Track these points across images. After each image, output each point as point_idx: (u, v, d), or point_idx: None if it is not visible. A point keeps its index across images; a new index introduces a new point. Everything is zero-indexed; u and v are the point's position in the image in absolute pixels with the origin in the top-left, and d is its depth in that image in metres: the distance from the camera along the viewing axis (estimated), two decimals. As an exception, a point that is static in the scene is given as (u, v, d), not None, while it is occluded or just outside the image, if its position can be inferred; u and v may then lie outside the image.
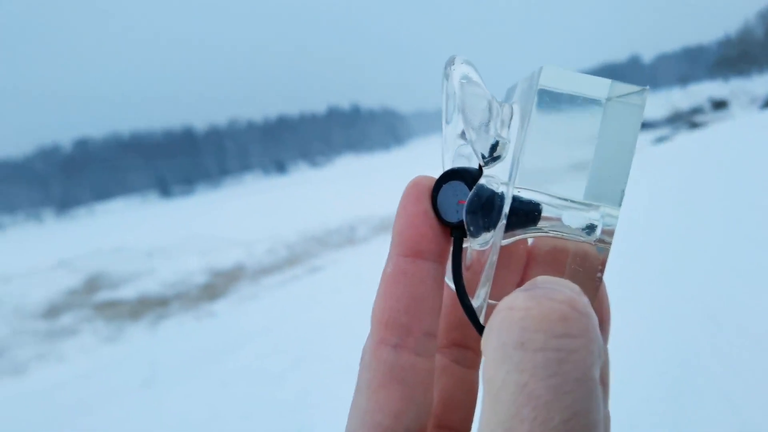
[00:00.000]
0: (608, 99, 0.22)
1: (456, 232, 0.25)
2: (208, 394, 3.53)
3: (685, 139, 14.03)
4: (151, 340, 7.08)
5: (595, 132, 0.22)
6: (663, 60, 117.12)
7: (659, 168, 8.35)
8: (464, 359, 0.27)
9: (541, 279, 0.19)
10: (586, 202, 0.22)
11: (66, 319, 9.32)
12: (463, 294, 0.24)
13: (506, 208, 0.22)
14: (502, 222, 0.22)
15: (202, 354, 4.61)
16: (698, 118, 25.21)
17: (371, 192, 17.67)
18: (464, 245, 0.26)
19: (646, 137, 19.88)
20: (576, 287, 0.18)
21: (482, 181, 0.24)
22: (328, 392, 2.88)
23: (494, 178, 0.24)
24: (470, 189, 0.24)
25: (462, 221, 0.24)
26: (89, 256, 15.90)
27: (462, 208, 0.24)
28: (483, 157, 0.24)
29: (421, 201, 0.24)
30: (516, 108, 0.24)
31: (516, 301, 0.16)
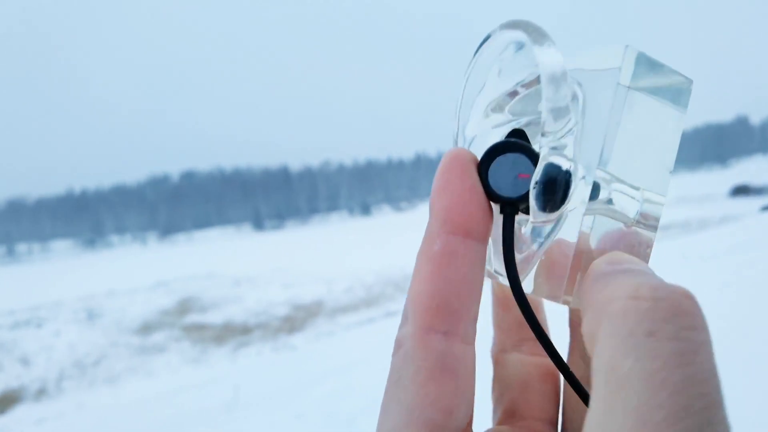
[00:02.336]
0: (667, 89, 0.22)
1: (509, 209, 0.22)
2: (284, 426, 3.57)
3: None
4: (232, 366, 7.29)
5: (674, 126, 0.23)
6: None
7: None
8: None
9: (624, 257, 0.20)
10: (637, 186, 0.22)
11: (157, 337, 9.83)
12: (516, 279, 0.22)
13: (587, 192, 0.22)
14: (584, 204, 0.22)
15: (281, 385, 4.69)
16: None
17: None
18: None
19: (753, 204, 18.35)
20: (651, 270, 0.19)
21: (552, 157, 0.22)
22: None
23: (560, 154, 0.22)
24: (532, 162, 0.22)
25: (521, 197, 0.22)
26: (184, 279, 16.82)
27: (522, 183, 0.22)
28: (545, 135, 0.22)
29: (468, 176, 0.22)
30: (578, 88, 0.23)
31: (640, 290, 0.16)
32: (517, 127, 0.25)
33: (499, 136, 0.25)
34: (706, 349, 0.15)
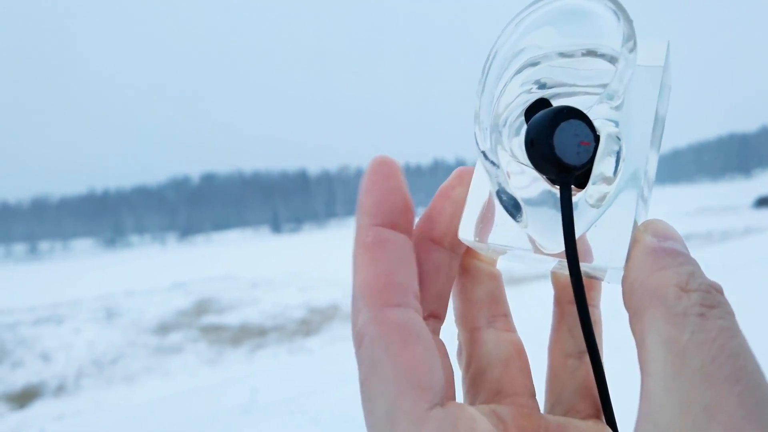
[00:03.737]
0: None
1: (566, 178, 0.22)
2: (302, 430, 3.56)
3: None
4: (249, 368, 7.31)
5: (665, 117, 0.26)
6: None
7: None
8: (438, 330, 0.27)
9: (667, 230, 0.22)
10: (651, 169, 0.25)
11: (174, 338, 9.88)
12: (574, 253, 0.22)
13: (650, 171, 0.24)
14: (637, 181, 0.23)
15: (298, 388, 4.68)
16: None
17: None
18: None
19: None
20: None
21: (612, 129, 0.22)
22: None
23: (614, 130, 0.23)
24: (592, 131, 0.22)
25: (584, 165, 0.22)
26: (202, 281, 16.95)
27: (584, 151, 0.22)
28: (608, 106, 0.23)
29: (392, 178, 0.25)
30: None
31: (690, 283, 0.20)
32: (541, 96, 0.25)
33: (523, 103, 0.25)
34: (740, 329, 0.19)
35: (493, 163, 0.24)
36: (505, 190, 0.24)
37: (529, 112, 0.24)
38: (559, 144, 0.22)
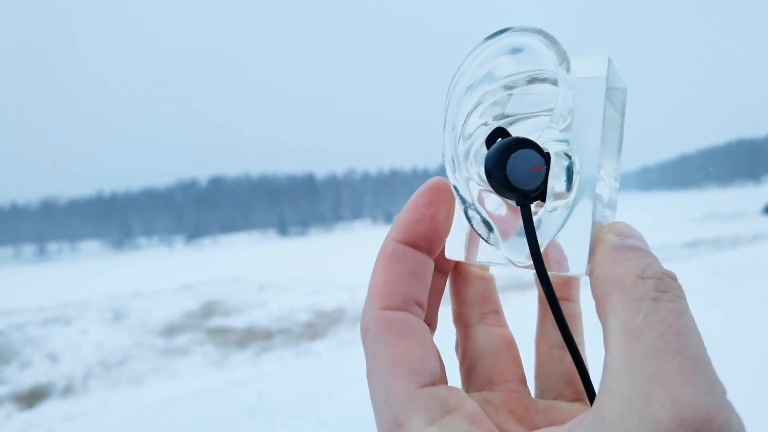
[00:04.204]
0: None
1: (525, 200, 0.25)
2: (308, 432, 3.56)
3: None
4: (254, 371, 7.31)
5: (621, 125, 0.29)
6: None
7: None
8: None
9: (628, 230, 0.25)
10: (611, 175, 0.28)
11: (181, 340, 9.90)
12: (541, 265, 0.25)
13: (592, 182, 0.25)
14: (592, 191, 0.25)
15: (304, 392, 4.69)
16: None
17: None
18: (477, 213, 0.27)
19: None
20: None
21: (560, 151, 0.25)
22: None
23: (565, 149, 0.25)
24: (542, 155, 0.25)
25: (538, 187, 0.25)
26: (209, 283, 16.99)
27: (536, 175, 0.25)
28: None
29: (432, 205, 0.28)
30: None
31: (647, 271, 0.22)
32: (498, 125, 0.27)
33: (484, 133, 0.27)
34: (689, 310, 0.21)
35: (462, 199, 0.27)
36: (474, 217, 0.27)
37: (489, 140, 0.27)
38: (512, 174, 0.25)
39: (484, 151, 0.27)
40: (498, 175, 0.25)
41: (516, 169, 0.25)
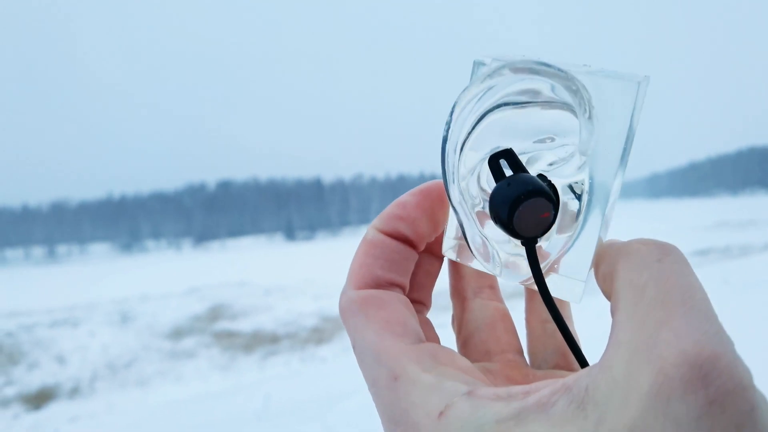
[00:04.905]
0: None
1: (530, 244, 0.25)
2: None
3: None
4: (261, 375, 7.31)
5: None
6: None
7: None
8: (423, 311, 0.32)
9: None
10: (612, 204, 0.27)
11: (187, 343, 9.92)
12: (549, 299, 0.25)
13: (599, 216, 0.25)
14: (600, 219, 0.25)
15: (311, 396, 4.67)
16: None
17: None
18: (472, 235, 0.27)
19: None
20: None
21: (568, 197, 0.25)
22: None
23: (573, 192, 0.25)
24: (549, 200, 0.24)
25: (545, 231, 0.25)
26: (216, 287, 17.04)
27: (543, 222, 0.25)
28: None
29: (419, 208, 0.29)
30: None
31: (646, 239, 0.23)
32: (506, 148, 0.26)
33: (487, 150, 0.26)
34: (693, 272, 0.22)
35: (457, 213, 0.27)
36: (470, 233, 0.27)
37: (492, 160, 0.26)
38: (519, 223, 0.24)
39: (486, 169, 0.26)
40: (503, 222, 0.25)
41: (523, 219, 0.24)
